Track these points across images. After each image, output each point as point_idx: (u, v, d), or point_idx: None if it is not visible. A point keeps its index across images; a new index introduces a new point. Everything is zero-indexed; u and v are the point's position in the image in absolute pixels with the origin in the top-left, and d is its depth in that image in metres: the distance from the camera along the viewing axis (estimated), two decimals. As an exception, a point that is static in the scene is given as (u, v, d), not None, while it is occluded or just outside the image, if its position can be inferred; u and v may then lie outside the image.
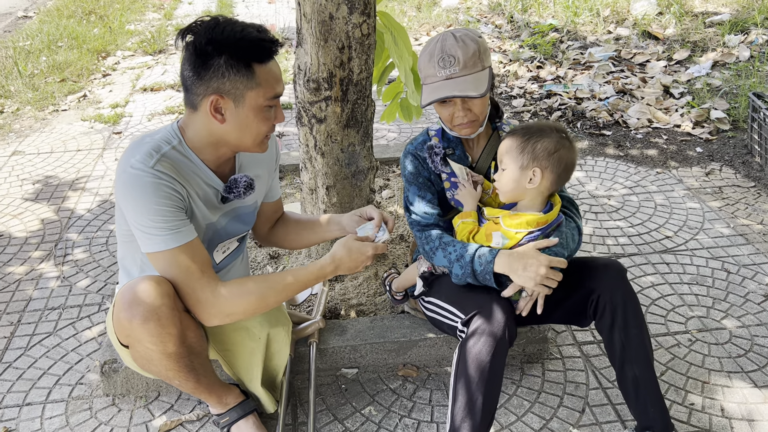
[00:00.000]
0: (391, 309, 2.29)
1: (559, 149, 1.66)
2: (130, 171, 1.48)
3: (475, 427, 1.59)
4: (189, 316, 1.60)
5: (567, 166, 1.69)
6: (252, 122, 1.53)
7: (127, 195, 1.49)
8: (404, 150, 1.91)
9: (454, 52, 1.68)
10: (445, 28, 6.06)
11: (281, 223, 2.02)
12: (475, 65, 1.69)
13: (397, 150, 3.41)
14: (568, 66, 4.88)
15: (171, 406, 2.00)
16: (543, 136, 1.67)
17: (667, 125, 3.89)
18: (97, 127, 4.13)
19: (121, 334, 1.60)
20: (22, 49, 5.51)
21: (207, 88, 1.48)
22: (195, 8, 7.19)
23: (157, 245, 1.51)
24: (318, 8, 1.87)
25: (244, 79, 1.47)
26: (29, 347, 2.25)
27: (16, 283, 2.60)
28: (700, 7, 5.94)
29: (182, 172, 1.55)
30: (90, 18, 6.62)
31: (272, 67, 1.52)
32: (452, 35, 1.71)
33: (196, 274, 1.54)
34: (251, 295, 1.58)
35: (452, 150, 1.87)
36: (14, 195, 3.28)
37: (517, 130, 1.72)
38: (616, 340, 1.71)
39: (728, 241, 2.79)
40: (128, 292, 1.52)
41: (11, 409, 2.01)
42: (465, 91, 1.67)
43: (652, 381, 1.71)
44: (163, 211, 1.49)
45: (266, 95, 1.51)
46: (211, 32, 1.45)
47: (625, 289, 1.73)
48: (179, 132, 1.59)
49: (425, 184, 1.87)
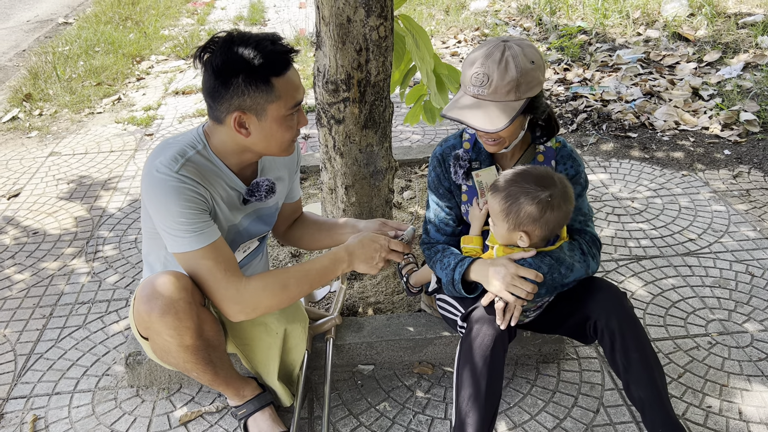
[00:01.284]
0: (408, 307, 2.32)
1: (545, 213, 1.59)
2: (156, 174, 1.54)
3: (481, 417, 1.61)
4: (207, 310, 1.65)
5: (557, 223, 1.64)
6: (276, 132, 1.57)
7: (153, 198, 1.55)
8: (435, 149, 1.88)
9: (491, 73, 1.57)
10: (472, 31, 6.07)
11: (299, 224, 2.06)
12: (507, 94, 1.58)
13: (419, 152, 3.44)
14: (595, 68, 4.85)
15: (192, 398, 2.07)
16: (526, 200, 1.59)
17: (694, 127, 3.84)
18: (130, 129, 4.26)
19: (141, 327, 1.67)
20: (61, 54, 5.70)
21: (229, 105, 1.52)
22: (227, 13, 7.34)
23: (182, 246, 1.57)
24: (336, 11, 1.92)
25: (264, 94, 1.50)
26: (59, 339, 2.34)
27: (49, 278, 2.70)
28: (733, 8, 5.82)
29: (206, 176, 1.60)
30: (126, 24, 6.81)
31: (290, 77, 1.54)
32: (504, 50, 1.58)
33: (220, 273, 1.59)
34: (274, 287, 1.62)
35: (479, 163, 1.81)
36: (50, 194, 3.41)
37: (499, 188, 1.64)
38: (618, 362, 1.70)
39: (754, 244, 2.75)
40: (148, 286, 1.58)
41: (41, 397, 2.09)
42: (481, 122, 1.58)
43: (658, 401, 1.67)
44: (188, 213, 1.54)
45: (287, 105, 1.54)
46: (226, 52, 1.48)
47: (622, 314, 1.69)
48: (204, 137, 1.64)
49: (444, 195, 1.87)
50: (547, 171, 1.65)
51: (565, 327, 1.84)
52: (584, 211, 1.81)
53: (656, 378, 1.68)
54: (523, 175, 1.63)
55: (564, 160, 1.81)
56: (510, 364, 2.16)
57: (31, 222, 3.14)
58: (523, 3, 6.73)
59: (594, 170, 3.44)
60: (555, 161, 1.80)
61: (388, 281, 2.44)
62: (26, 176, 3.62)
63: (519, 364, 2.16)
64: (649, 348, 1.69)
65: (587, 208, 1.82)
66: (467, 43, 5.81)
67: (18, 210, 3.26)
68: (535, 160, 1.80)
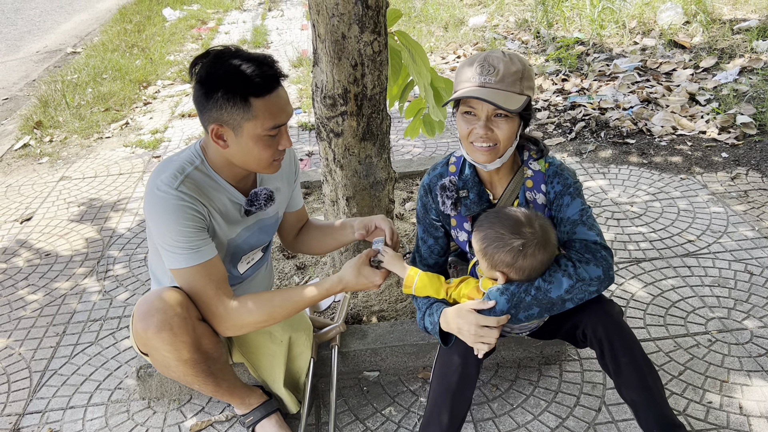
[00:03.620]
0: (411, 314, 2.37)
1: (517, 261, 1.60)
2: (157, 193, 1.60)
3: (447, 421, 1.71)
4: (204, 324, 1.70)
5: (534, 269, 1.62)
6: (253, 149, 1.60)
7: (153, 215, 1.62)
8: (423, 178, 1.88)
9: (497, 64, 1.59)
10: (471, 46, 6.16)
11: (305, 231, 2.12)
12: (513, 84, 1.59)
13: (420, 164, 3.50)
14: (593, 78, 4.91)
15: (202, 408, 2.12)
16: (499, 246, 1.60)
17: (692, 132, 3.89)
18: (138, 152, 4.36)
19: (140, 343, 1.72)
20: (69, 83, 5.84)
21: (209, 116, 1.57)
22: (231, 37, 7.48)
23: (178, 263, 1.63)
24: (331, 29, 1.99)
25: (241, 112, 1.54)
26: (73, 356, 2.41)
27: (61, 298, 2.77)
28: (728, 14, 5.89)
29: (205, 191, 1.66)
30: (133, 51, 6.96)
31: (272, 99, 1.56)
32: (501, 51, 1.63)
33: (212, 291, 1.65)
34: (260, 313, 1.68)
35: (466, 192, 1.79)
36: (61, 217, 3.49)
37: (480, 227, 1.66)
38: (609, 366, 1.72)
39: (752, 243, 2.78)
40: (144, 303, 1.64)
41: (56, 412, 2.15)
42: (494, 98, 1.55)
43: (650, 403, 1.69)
44: (186, 231, 1.60)
45: (264, 126, 1.56)
46: (211, 66, 1.54)
47: (609, 322, 1.69)
48: (201, 152, 1.70)
49: (431, 225, 1.88)
50: (528, 217, 1.63)
51: (560, 334, 1.87)
52: (572, 218, 1.71)
53: (647, 379, 1.69)
54: (502, 218, 1.63)
55: (551, 179, 1.75)
56: (513, 366, 2.20)
57: (44, 244, 3.22)
58: (521, 17, 6.83)
59: (593, 177, 3.49)
60: (544, 184, 1.75)
61: (392, 290, 2.49)
62: (38, 201, 3.71)
63: (521, 366, 2.19)
64: (638, 351, 1.70)
65: (578, 214, 1.71)
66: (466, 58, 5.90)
67: (31, 233, 3.34)
68: (525, 186, 1.76)
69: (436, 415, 1.71)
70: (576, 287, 1.62)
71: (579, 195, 1.74)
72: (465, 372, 1.70)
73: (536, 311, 1.64)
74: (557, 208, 1.74)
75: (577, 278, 1.62)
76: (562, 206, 1.73)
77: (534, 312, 1.64)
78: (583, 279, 1.62)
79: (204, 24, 8.33)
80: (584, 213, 1.72)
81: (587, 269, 1.63)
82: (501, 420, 1.99)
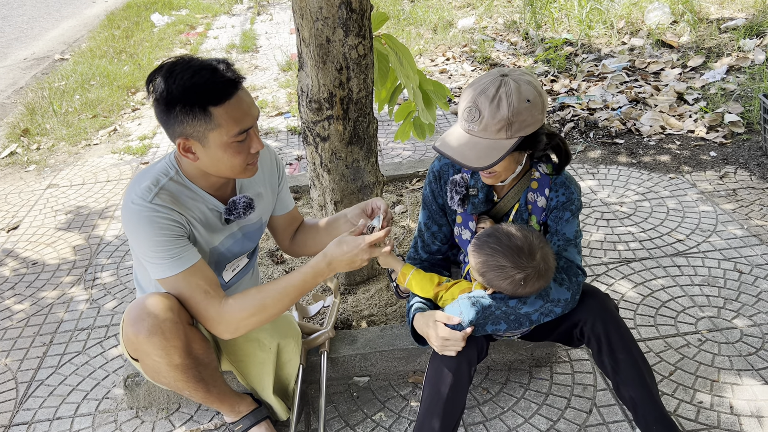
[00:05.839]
0: (401, 318, 2.36)
1: (516, 290, 1.62)
2: (131, 206, 1.59)
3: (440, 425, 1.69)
4: (194, 328, 1.69)
5: (528, 294, 1.64)
6: (223, 158, 1.57)
7: (130, 228, 1.60)
8: (433, 162, 1.86)
9: (483, 109, 1.54)
10: (460, 48, 6.16)
11: (301, 232, 2.09)
12: (498, 132, 1.54)
13: (410, 167, 3.49)
14: (581, 78, 4.92)
15: (191, 417, 2.10)
16: (499, 274, 1.61)
17: (680, 131, 3.90)
18: (126, 158, 4.33)
19: (131, 348, 1.70)
20: (57, 89, 5.80)
21: (173, 132, 1.55)
22: (220, 42, 7.46)
23: (163, 272, 1.61)
24: (315, 33, 1.98)
25: (203, 123, 1.51)
26: (60, 365, 2.38)
27: (48, 307, 2.74)
28: (715, 13, 5.92)
29: (181, 201, 1.64)
30: (121, 57, 6.93)
31: (233, 105, 1.52)
32: (500, 85, 1.53)
33: (201, 295, 1.63)
34: (252, 307, 1.65)
35: (476, 191, 1.78)
36: (48, 225, 3.46)
37: (478, 247, 1.66)
38: (606, 364, 1.73)
39: (741, 242, 2.78)
40: (134, 308, 1.62)
41: (42, 423, 2.12)
42: (467, 158, 1.56)
43: (649, 399, 1.70)
44: (163, 241, 1.58)
45: (230, 133, 1.53)
46: (165, 82, 1.49)
47: (607, 317, 1.71)
48: (176, 162, 1.67)
49: (436, 212, 1.88)
50: (531, 246, 1.61)
51: (555, 335, 1.87)
52: (567, 236, 1.74)
53: (645, 376, 1.71)
54: (504, 247, 1.61)
55: (557, 187, 1.74)
56: (503, 369, 2.19)
57: (31, 253, 3.19)
58: (510, 18, 6.84)
59: (582, 177, 3.49)
60: (548, 189, 1.76)
61: (381, 294, 2.48)
62: (25, 209, 3.68)
63: (512, 369, 2.18)
64: (636, 348, 1.72)
65: (573, 234, 1.74)
66: (455, 60, 5.90)
67: (17, 242, 3.31)
68: (529, 187, 1.76)
69: (428, 422, 1.69)
70: (545, 307, 1.68)
71: (578, 215, 1.78)
72: (457, 378, 1.69)
73: (503, 327, 1.69)
74: (555, 218, 1.75)
75: (548, 299, 1.68)
76: (561, 220, 1.75)
77: (501, 327, 1.69)
78: (552, 300, 1.68)
79: (193, 29, 8.30)
80: (578, 234, 1.77)
81: (558, 291, 1.69)
82: (492, 423, 1.98)
